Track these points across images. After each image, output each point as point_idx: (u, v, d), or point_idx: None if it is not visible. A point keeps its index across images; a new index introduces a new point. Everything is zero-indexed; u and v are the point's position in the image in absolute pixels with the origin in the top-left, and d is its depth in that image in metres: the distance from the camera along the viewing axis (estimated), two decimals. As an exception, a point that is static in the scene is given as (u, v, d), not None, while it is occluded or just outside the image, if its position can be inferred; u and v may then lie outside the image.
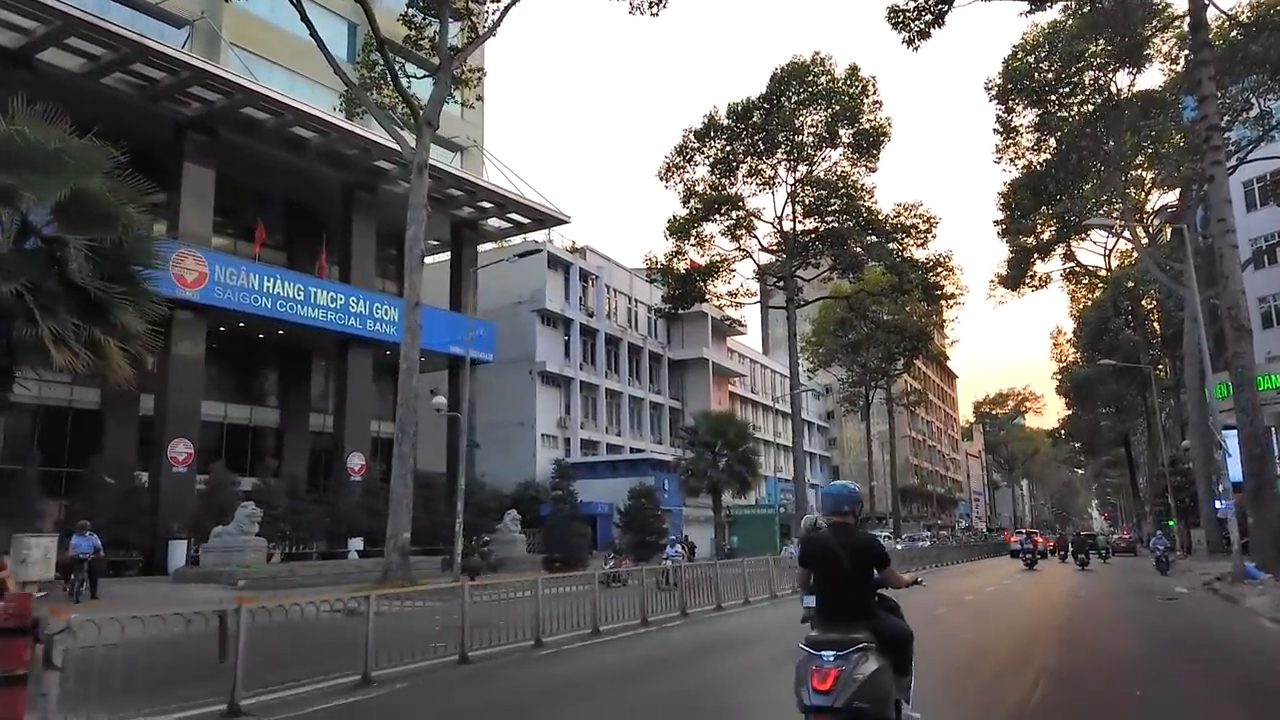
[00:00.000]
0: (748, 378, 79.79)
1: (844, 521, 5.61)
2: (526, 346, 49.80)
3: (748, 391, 78.80)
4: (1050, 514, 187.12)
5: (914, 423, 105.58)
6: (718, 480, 39.94)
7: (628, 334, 58.35)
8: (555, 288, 51.92)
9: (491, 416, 49.02)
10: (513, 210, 41.74)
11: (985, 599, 22.44)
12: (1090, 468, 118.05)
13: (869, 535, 5.80)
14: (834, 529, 5.64)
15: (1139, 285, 56.27)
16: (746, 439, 41.46)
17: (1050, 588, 26.92)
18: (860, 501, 5.98)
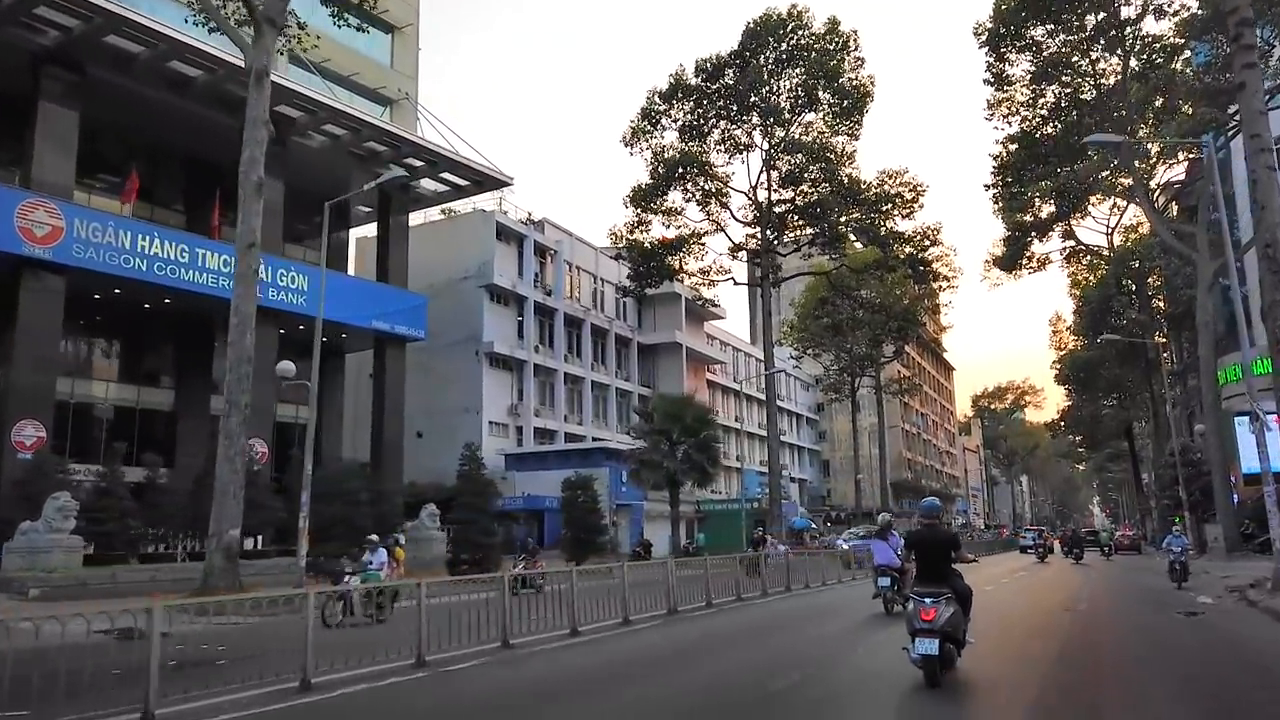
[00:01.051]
0: (730, 365, 75.37)
1: (933, 522, 9.51)
2: (474, 326, 45.44)
3: (729, 380, 74.36)
4: (1051, 511, 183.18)
5: (907, 415, 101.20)
6: (673, 471, 35.56)
7: (591, 315, 53.94)
8: (507, 262, 47.52)
9: (435, 402, 44.75)
10: (446, 169, 37.36)
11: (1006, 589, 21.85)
12: (1091, 462, 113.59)
13: (948, 530, 10.72)
14: (927, 527, 9.39)
15: (1144, 262, 51.87)
16: (706, 425, 37.07)
17: (1049, 595, 22.57)
18: (941, 509, 12.84)
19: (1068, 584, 25.75)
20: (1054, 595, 21.85)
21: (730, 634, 14.18)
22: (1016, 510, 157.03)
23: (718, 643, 12.96)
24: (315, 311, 33.13)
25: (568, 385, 51.73)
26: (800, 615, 17.53)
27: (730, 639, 13.50)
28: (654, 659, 11.27)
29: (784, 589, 22.60)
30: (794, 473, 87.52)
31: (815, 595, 22.51)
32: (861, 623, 15.05)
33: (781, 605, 19.63)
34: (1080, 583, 25.99)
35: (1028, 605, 18.98)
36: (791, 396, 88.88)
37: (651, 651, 12.11)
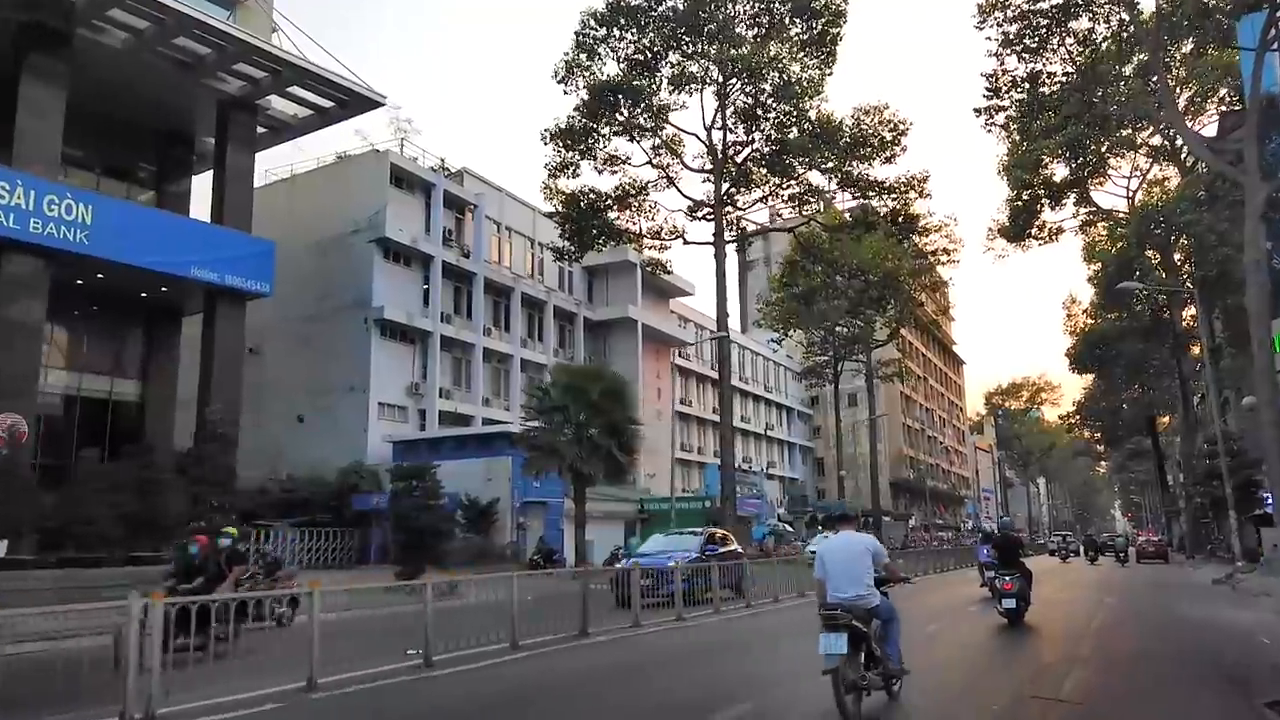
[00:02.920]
0: (704, 351, 67.60)
1: (1010, 531, 19.49)
2: (363, 288, 37.95)
3: (705, 368, 66.55)
4: (1070, 515, 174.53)
5: (909, 409, 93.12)
6: (570, 459, 27.84)
7: (522, 283, 46.30)
8: (408, 214, 39.99)
9: (320, 380, 37.40)
10: (295, 80, 29.81)
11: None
12: (1111, 461, 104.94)
13: (1018, 537, 18.35)
14: (1004, 534, 17.77)
15: (1170, 225, 43.65)
16: (619, 402, 29.32)
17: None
18: (1013, 524, 31.04)
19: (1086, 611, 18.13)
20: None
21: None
22: (1032, 514, 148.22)
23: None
24: (104, 252, 26.15)
25: (491, 364, 44.17)
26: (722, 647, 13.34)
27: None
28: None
29: (743, 604, 19.38)
30: (784, 471, 79.76)
31: (774, 613, 18.59)
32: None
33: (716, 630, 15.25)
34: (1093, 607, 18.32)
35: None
36: (781, 388, 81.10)
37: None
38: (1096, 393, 71.89)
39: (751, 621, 17.07)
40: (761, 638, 14.95)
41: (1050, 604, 18.80)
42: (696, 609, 17.74)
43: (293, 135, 33.52)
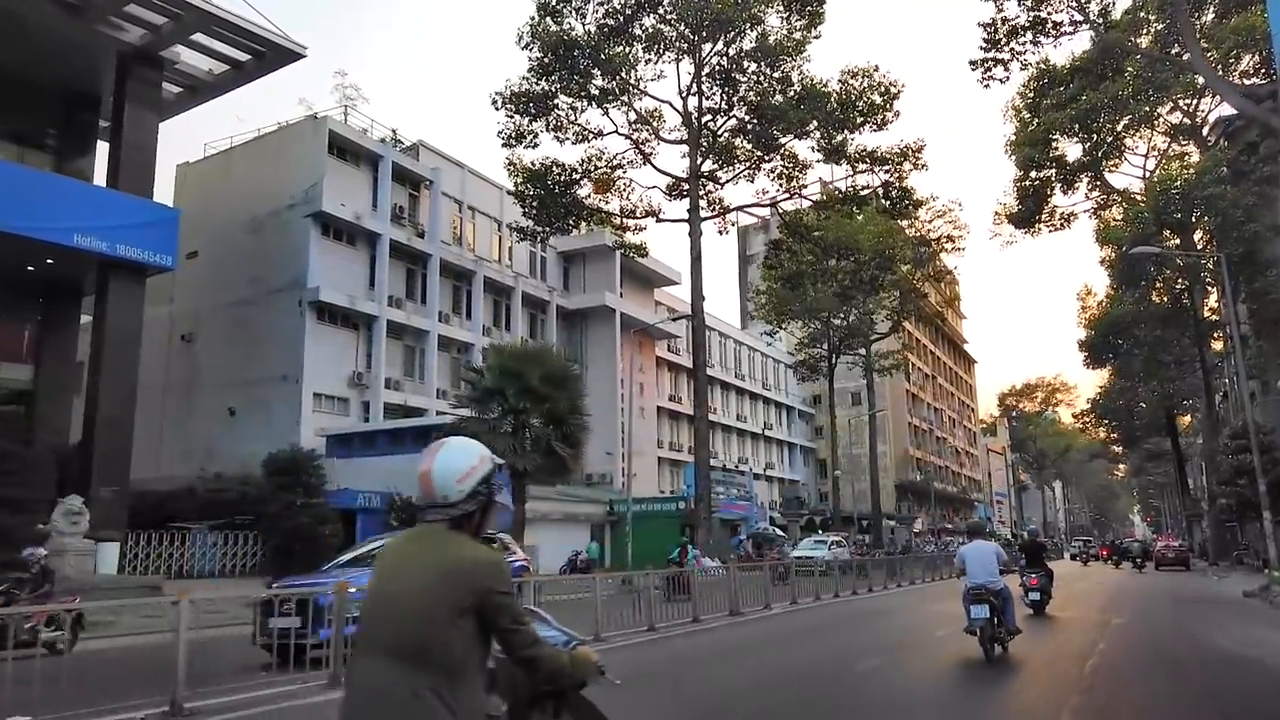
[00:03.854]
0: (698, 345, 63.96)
1: (1035, 538, 21.35)
2: (299, 268, 34.60)
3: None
4: (1088, 520, 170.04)
5: (916, 408, 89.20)
6: (505, 453, 24.32)
7: (485, 266, 42.85)
8: (351, 188, 36.65)
9: (253, 369, 34.06)
10: (199, 26, 26.47)
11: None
12: (1130, 463, 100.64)
13: (1040, 541, 20.88)
14: (1031, 539, 20.25)
15: (1191, 199, 39.76)
16: (564, 388, 25.79)
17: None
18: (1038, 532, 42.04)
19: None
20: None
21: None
22: (1047, 518, 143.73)
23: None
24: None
25: (449, 353, 40.76)
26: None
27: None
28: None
29: (690, 619, 16.48)
30: (784, 472, 76.07)
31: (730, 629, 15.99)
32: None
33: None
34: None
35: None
36: (781, 386, 77.44)
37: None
38: (1113, 391, 67.93)
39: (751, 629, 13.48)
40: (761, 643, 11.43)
41: (1044, 628, 15.22)
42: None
43: (211, 95, 30.19)
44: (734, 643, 14.19)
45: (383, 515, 29.51)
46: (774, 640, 14.77)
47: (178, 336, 37.33)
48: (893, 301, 59.03)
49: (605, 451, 48.15)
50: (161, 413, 36.48)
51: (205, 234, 37.08)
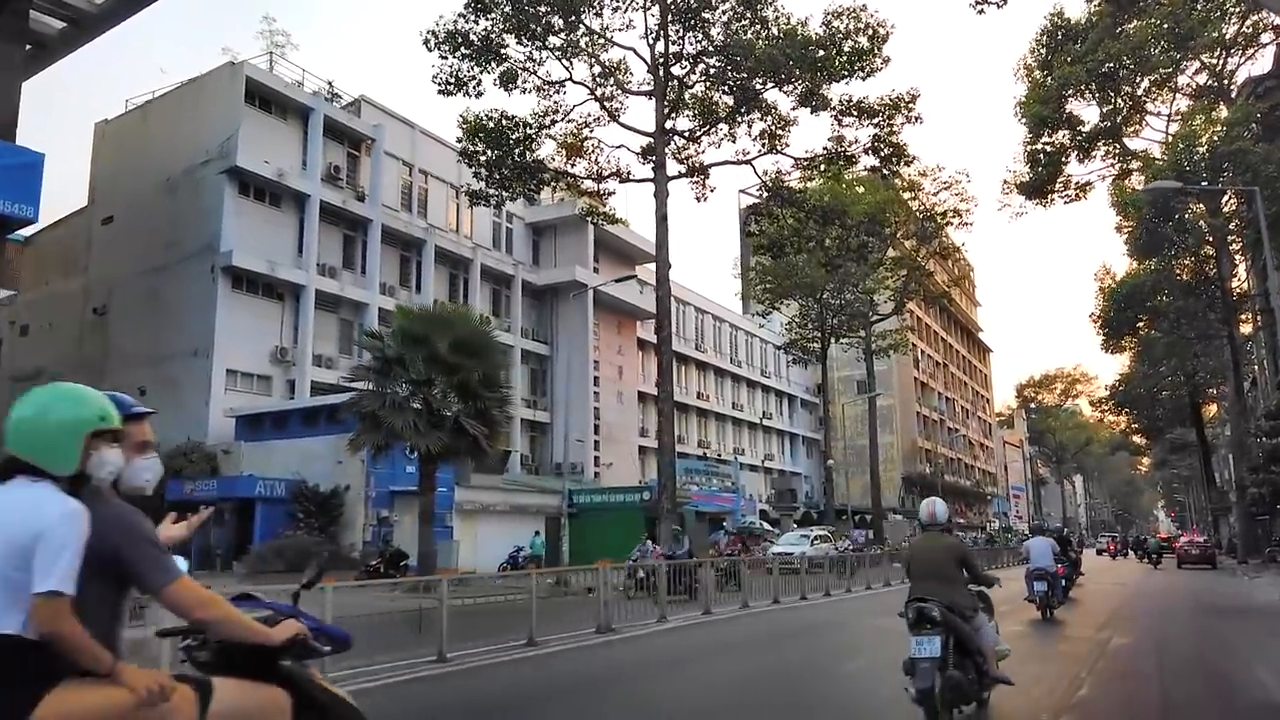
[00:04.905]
0: (693, 331, 60.26)
1: (1061, 534, 24.10)
2: (211, 231, 31.05)
3: (687, 346, 59.15)
4: (1110, 515, 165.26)
5: (925, 397, 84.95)
6: (403, 432, 20.62)
7: (439, 236, 39.18)
8: (277, 143, 33.08)
9: (164, 344, 30.57)
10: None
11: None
12: (1153, 454, 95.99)
13: (1067, 535, 24.88)
14: (1059, 533, 23.67)
15: (1220, 153, 35.56)
16: (481, 356, 22.05)
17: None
18: (1064, 529, 37.94)
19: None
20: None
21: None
22: (1068, 514, 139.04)
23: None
24: None
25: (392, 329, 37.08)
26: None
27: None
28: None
29: (593, 629, 13.17)
30: (785, 464, 72.14)
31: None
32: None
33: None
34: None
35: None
36: (783, 374, 73.41)
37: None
38: (1135, 377, 63.62)
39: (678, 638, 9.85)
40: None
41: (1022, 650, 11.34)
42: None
43: (100, 27, 26.63)
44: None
45: (287, 506, 25.94)
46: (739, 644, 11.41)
47: (91, 310, 33.96)
48: (896, 281, 55.08)
49: (576, 439, 44.46)
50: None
51: (121, 196, 33.79)
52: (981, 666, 6.74)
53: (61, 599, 2.33)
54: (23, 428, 2.53)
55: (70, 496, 2.48)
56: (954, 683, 6.38)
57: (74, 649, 2.36)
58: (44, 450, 2.51)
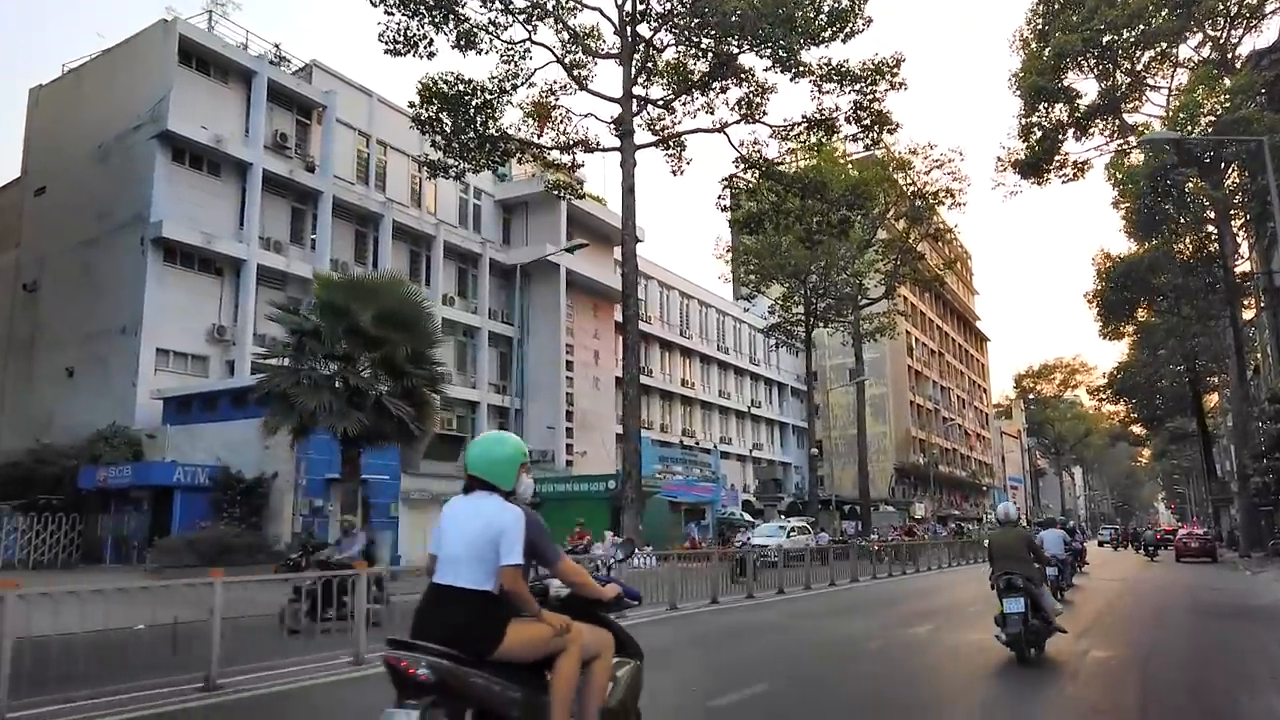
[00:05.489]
0: (678, 316, 58.26)
1: (1063, 524, 24.33)
2: (141, 200, 28.99)
3: (671, 331, 57.14)
4: (1110, 508, 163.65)
5: (920, 386, 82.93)
6: (317, 412, 18.59)
7: (397, 210, 37.11)
8: (216, 107, 30.99)
9: (93, 322, 28.61)
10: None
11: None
12: (1153, 445, 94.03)
13: (1071, 526, 27.73)
14: (1064, 525, 24.50)
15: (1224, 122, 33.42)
16: (411, 329, 20.01)
17: None
18: (1068, 521, 33.50)
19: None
20: None
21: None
22: (1066, 506, 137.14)
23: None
24: None
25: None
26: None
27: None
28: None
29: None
30: (775, 454, 70.20)
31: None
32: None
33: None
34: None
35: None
36: (773, 362, 71.42)
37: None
38: (1134, 365, 61.60)
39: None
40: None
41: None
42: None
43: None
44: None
45: (210, 495, 23.94)
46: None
47: (21, 286, 31.96)
48: (887, 264, 52.98)
49: (547, 425, 42.54)
50: (3, 375, 31.23)
51: (55, 166, 31.82)
52: (1048, 619, 9.85)
53: (518, 568, 3.84)
54: (481, 459, 4.12)
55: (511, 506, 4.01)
56: (1034, 629, 9.60)
57: (521, 600, 3.90)
58: (496, 474, 4.08)
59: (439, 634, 3.74)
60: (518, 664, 3.85)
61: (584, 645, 4.08)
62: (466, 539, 3.88)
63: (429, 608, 3.91)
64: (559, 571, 4.23)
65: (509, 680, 3.78)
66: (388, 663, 3.66)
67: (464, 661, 3.68)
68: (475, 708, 3.73)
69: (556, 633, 3.95)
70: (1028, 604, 9.41)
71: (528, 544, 3.89)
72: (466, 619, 3.79)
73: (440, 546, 4.01)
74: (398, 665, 3.62)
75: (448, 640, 3.70)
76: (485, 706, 3.72)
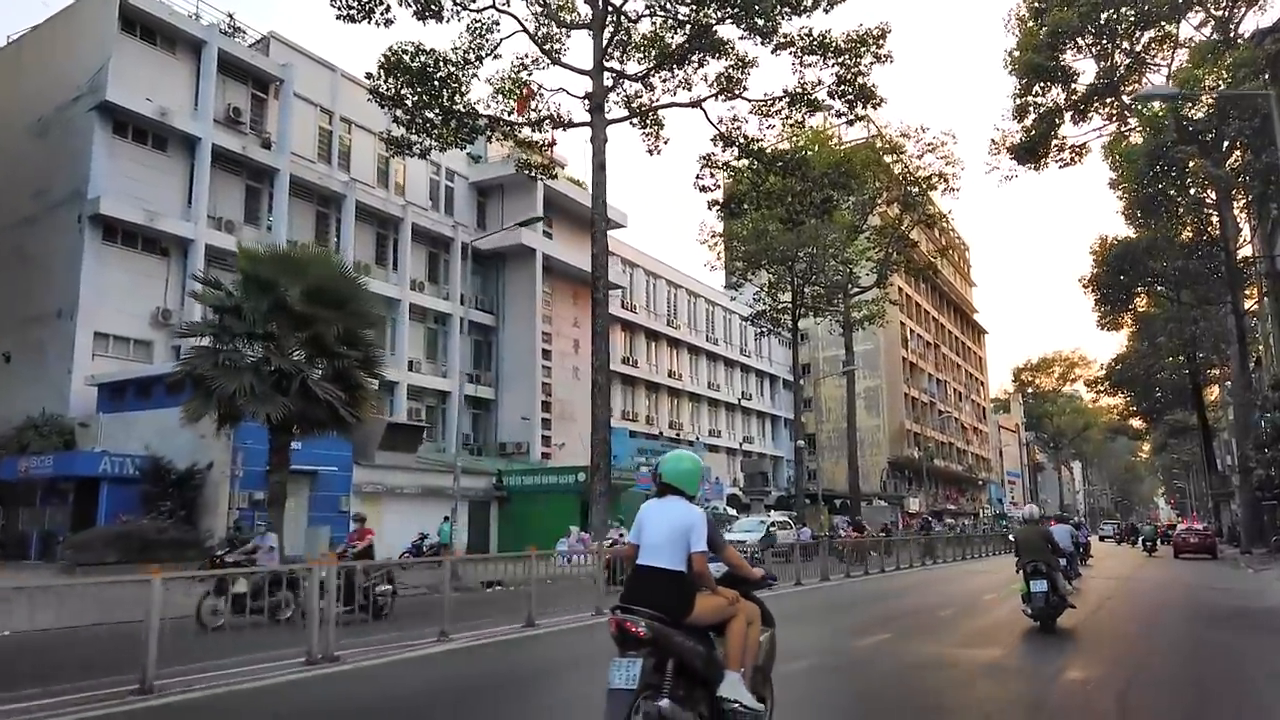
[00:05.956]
0: (664, 303, 56.64)
1: (1058, 521, 24.08)
2: (80, 176, 27.38)
3: (658, 321, 55.54)
4: (1110, 503, 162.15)
5: (915, 378, 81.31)
6: (237, 395, 17.02)
7: (361, 191, 35.49)
8: (162, 78, 29.35)
9: (31, 304, 27.04)
10: None
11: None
12: (1153, 439, 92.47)
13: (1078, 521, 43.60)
14: (1069, 520, 31.66)
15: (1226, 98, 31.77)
16: (344, 307, 18.41)
17: None
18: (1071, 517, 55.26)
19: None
20: None
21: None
22: (1065, 501, 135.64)
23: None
24: None
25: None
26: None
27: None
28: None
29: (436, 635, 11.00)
30: (767, 447, 68.63)
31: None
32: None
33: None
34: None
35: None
36: (765, 353, 69.75)
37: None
38: (1133, 356, 60.04)
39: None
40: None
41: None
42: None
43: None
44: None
45: (140, 487, 22.38)
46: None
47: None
48: (878, 252, 51.37)
49: (522, 416, 40.97)
50: None
51: (-5, 141, 30.13)
52: (1063, 597, 12.34)
53: (703, 554, 4.88)
54: (672, 471, 5.20)
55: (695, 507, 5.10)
56: (1054, 603, 12.09)
57: (705, 579, 4.95)
58: (683, 483, 5.16)
59: (647, 602, 4.74)
60: (699, 627, 4.90)
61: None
62: (664, 532, 4.91)
63: (637, 583, 4.93)
64: (725, 557, 5.25)
65: (695, 639, 4.85)
66: (616, 623, 4.71)
67: (666, 623, 4.69)
68: (675, 659, 4.70)
69: (729, 603, 5.05)
70: (1049, 585, 11.93)
71: (709, 536, 4.97)
72: (667, 592, 4.80)
73: (641, 537, 5.02)
74: (623, 624, 4.68)
75: (654, 607, 4.71)
76: (682, 659, 4.73)
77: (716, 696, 4.85)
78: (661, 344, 56.80)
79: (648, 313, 55.26)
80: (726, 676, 4.89)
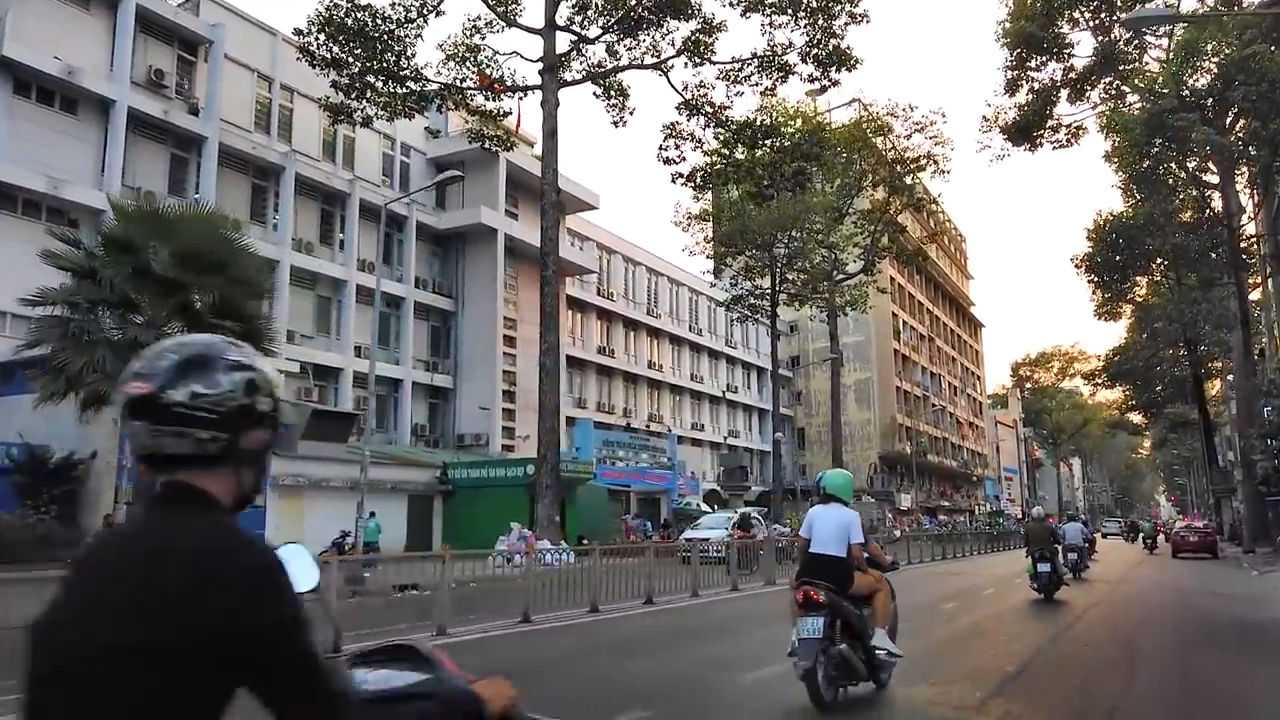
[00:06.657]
0: (644, 291, 54.32)
1: (1070, 520, 24.31)
2: (-23, 140, 25.06)
3: (634, 308, 53.18)
4: (1110, 500, 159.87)
5: (907, 371, 78.83)
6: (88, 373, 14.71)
7: (297, 162, 33.11)
8: (75, 36, 27.01)
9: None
10: None
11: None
12: (1152, 434, 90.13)
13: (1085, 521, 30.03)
14: (1076, 519, 24.95)
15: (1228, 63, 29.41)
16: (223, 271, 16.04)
17: None
18: (1078, 514, 39.21)
19: None
20: None
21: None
22: (1064, 498, 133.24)
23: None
24: None
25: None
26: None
27: None
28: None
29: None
30: (754, 441, 66.33)
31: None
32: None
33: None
34: None
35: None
36: (751, 345, 67.35)
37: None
38: (1132, 348, 57.72)
39: None
40: None
41: None
42: None
43: None
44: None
45: (13, 478, 20.08)
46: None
47: None
48: (864, 237, 48.99)
49: (480, 406, 38.63)
50: None
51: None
52: (1060, 576, 16.89)
53: (860, 545, 7.08)
54: (833, 484, 7.45)
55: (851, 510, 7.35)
56: (1056, 579, 16.42)
57: (860, 563, 7.08)
58: (842, 492, 7.36)
59: (821, 578, 6.80)
60: (855, 596, 6.94)
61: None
62: (831, 529, 7.06)
63: (812, 564, 7.03)
64: (869, 549, 7.46)
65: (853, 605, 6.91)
66: (802, 591, 6.72)
67: (836, 593, 6.72)
68: (842, 619, 6.68)
69: (876, 580, 7.23)
70: (1051, 567, 16.16)
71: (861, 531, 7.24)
72: (835, 572, 6.87)
73: (812, 533, 7.19)
74: (809, 592, 6.68)
75: (826, 579, 6.79)
76: (847, 619, 6.72)
77: (870, 646, 6.80)
78: (641, 333, 54.47)
79: (626, 301, 52.96)
80: (875, 632, 6.90)
